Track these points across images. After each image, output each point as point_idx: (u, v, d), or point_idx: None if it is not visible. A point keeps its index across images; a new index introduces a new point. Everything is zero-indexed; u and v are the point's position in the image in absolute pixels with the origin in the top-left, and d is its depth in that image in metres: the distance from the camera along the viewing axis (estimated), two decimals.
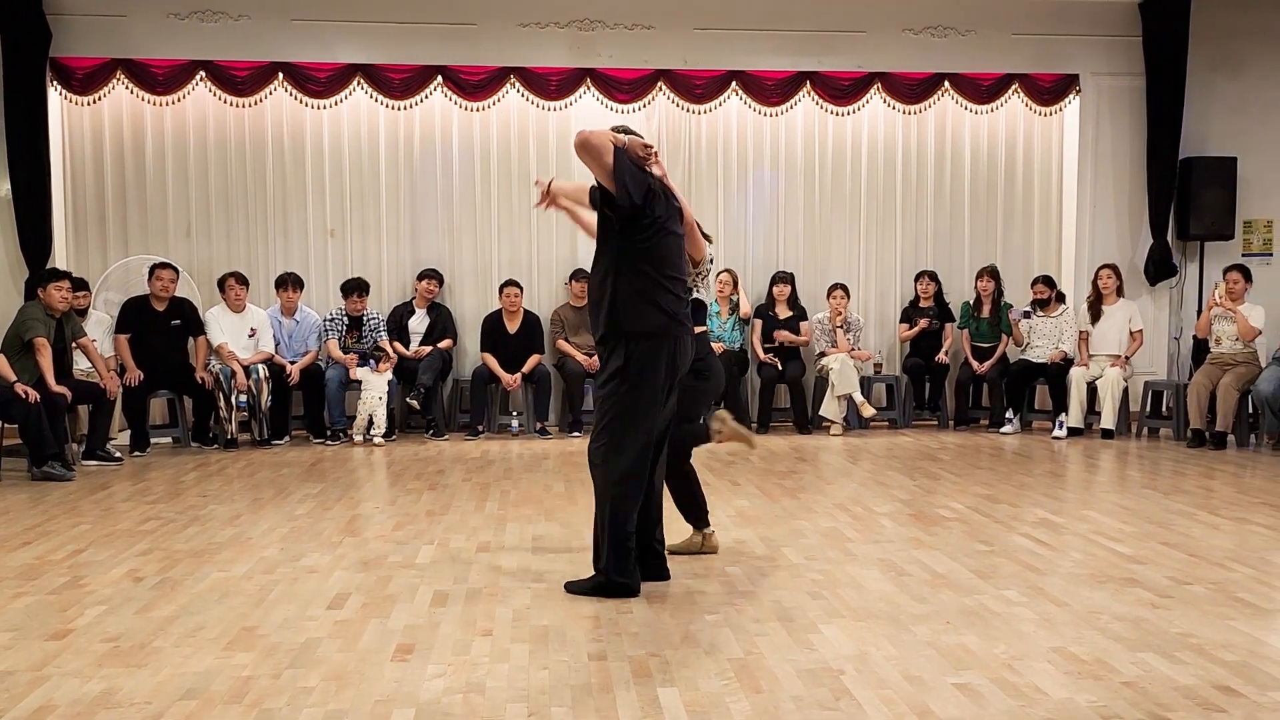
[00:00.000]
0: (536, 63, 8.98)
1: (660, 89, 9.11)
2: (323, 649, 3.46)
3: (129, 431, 7.92)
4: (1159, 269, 9.36)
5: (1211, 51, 9.31)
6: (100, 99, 8.72)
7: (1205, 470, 6.99)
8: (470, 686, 3.13)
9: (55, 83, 8.62)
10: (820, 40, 9.22)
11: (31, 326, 6.97)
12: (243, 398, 8.04)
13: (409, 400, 8.50)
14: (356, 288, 8.58)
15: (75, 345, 7.38)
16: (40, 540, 5.03)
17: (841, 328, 8.96)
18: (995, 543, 4.90)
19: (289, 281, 8.56)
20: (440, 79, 8.93)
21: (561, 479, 6.64)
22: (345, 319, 8.59)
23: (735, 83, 9.16)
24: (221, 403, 8.04)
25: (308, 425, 8.49)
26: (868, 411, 8.73)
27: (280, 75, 8.79)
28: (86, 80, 8.62)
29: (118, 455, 7.41)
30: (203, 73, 8.71)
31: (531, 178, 9.13)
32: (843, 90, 9.27)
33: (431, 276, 8.87)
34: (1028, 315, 9.02)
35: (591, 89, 9.04)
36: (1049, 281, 9.01)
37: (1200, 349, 8.70)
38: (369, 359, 8.40)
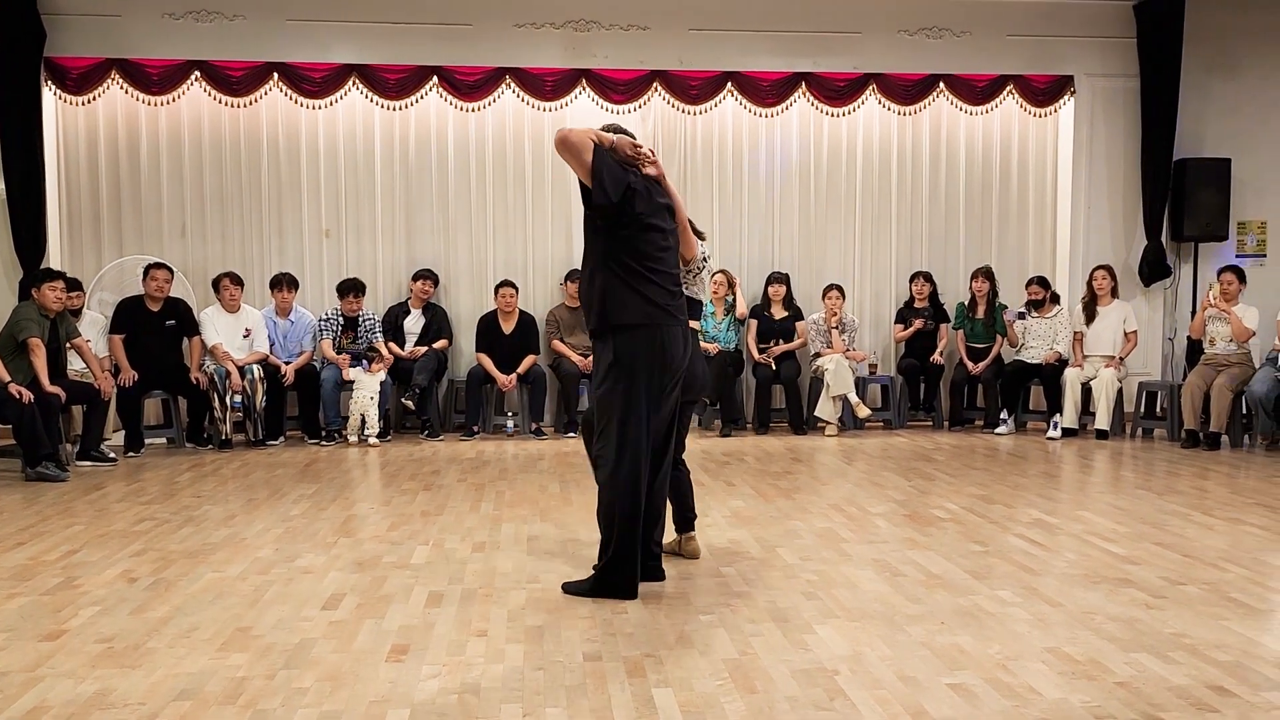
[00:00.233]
0: (532, 63, 8.98)
1: (655, 90, 9.11)
2: (317, 649, 3.45)
3: (123, 432, 7.92)
4: (1153, 270, 9.39)
5: (1206, 53, 9.33)
6: (95, 99, 8.71)
7: (1199, 471, 7.01)
8: (465, 687, 3.13)
9: (50, 82, 8.61)
10: (815, 41, 9.23)
11: (26, 327, 6.96)
12: (237, 398, 8.03)
13: (404, 401, 8.50)
14: (352, 288, 8.57)
15: (70, 345, 7.38)
16: (34, 541, 5.02)
17: (837, 328, 8.97)
18: (990, 543, 4.91)
19: (284, 282, 8.56)
20: (436, 79, 8.93)
21: (557, 479, 6.64)
22: (340, 319, 8.59)
23: (730, 84, 9.17)
24: (216, 403, 8.03)
25: (302, 426, 8.48)
26: (863, 412, 8.74)
27: (275, 75, 8.79)
28: (81, 80, 8.61)
29: (112, 456, 7.40)
30: (198, 73, 8.70)
31: (527, 178, 9.17)
32: (838, 91, 9.28)
33: (426, 277, 8.87)
34: (1022, 316, 9.04)
35: (587, 89, 9.04)
36: (1044, 282, 9.02)
37: (1194, 350, 8.73)
38: (361, 359, 8.39)
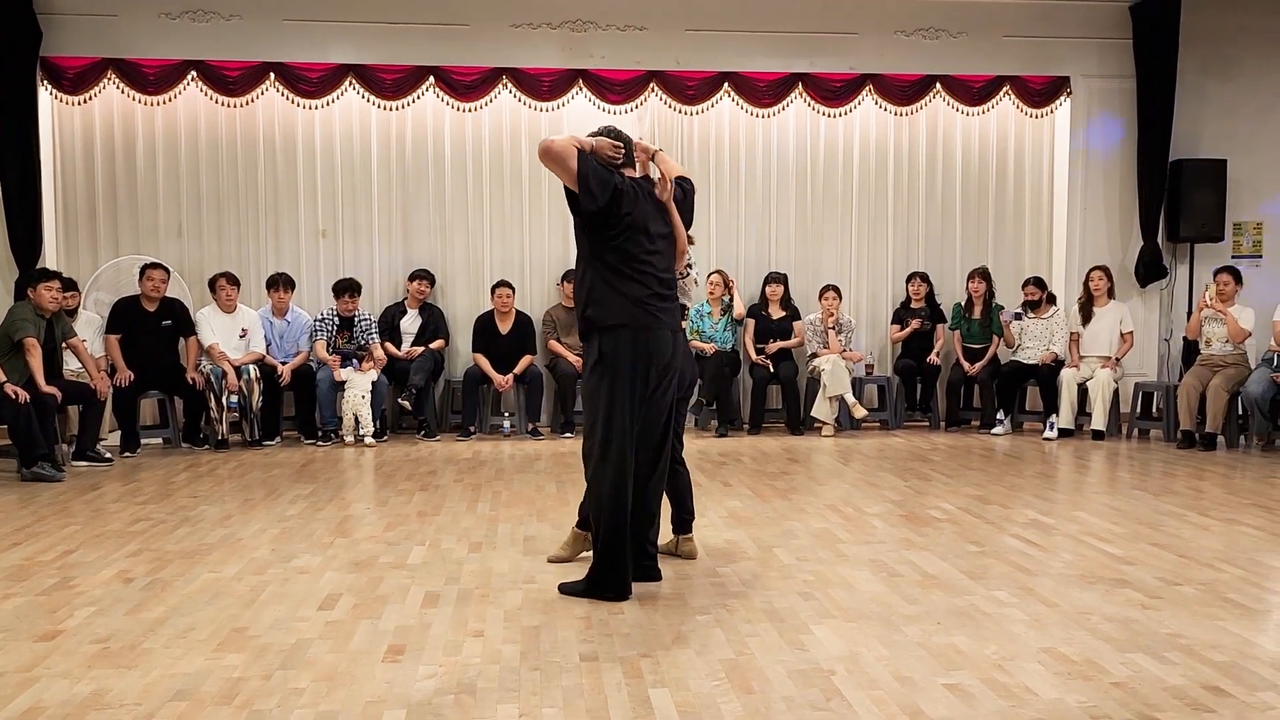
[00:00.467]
0: (529, 63, 8.97)
1: (652, 90, 9.11)
2: (314, 650, 3.45)
3: (119, 432, 7.90)
4: (1149, 271, 9.40)
5: (1202, 54, 9.34)
6: (91, 99, 8.69)
7: (1195, 471, 7.01)
8: (461, 687, 3.12)
9: (46, 82, 8.59)
10: (812, 42, 9.23)
11: (21, 327, 6.95)
12: (233, 398, 8.01)
13: (400, 401, 8.49)
14: (348, 288, 8.56)
15: (65, 345, 7.37)
16: (30, 541, 5.01)
17: (833, 329, 8.97)
18: (986, 543, 4.91)
19: (280, 282, 8.54)
20: (432, 79, 8.92)
21: (553, 480, 6.64)
22: (336, 319, 8.58)
23: (727, 84, 9.17)
24: (212, 403, 8.02)
25: (299, 426, 8.46)
26: (859, 412, 8.74)
27: (272, 75, 8.77)
28: (77, 80, 8.59)
29: (108, 456, 7.38)
30: (194, 72, 8.69)
31: (524, 179, 9.17)
32: (834, 92, 9.28)
33: (422, 277, 8.86)
34: (1019, 317, 9.05)
35: (583, 90, 9.04)
36: (1040, 283, 9.03)
37: (1190, 350, 8.74)
38: (351, 359, 8.38)
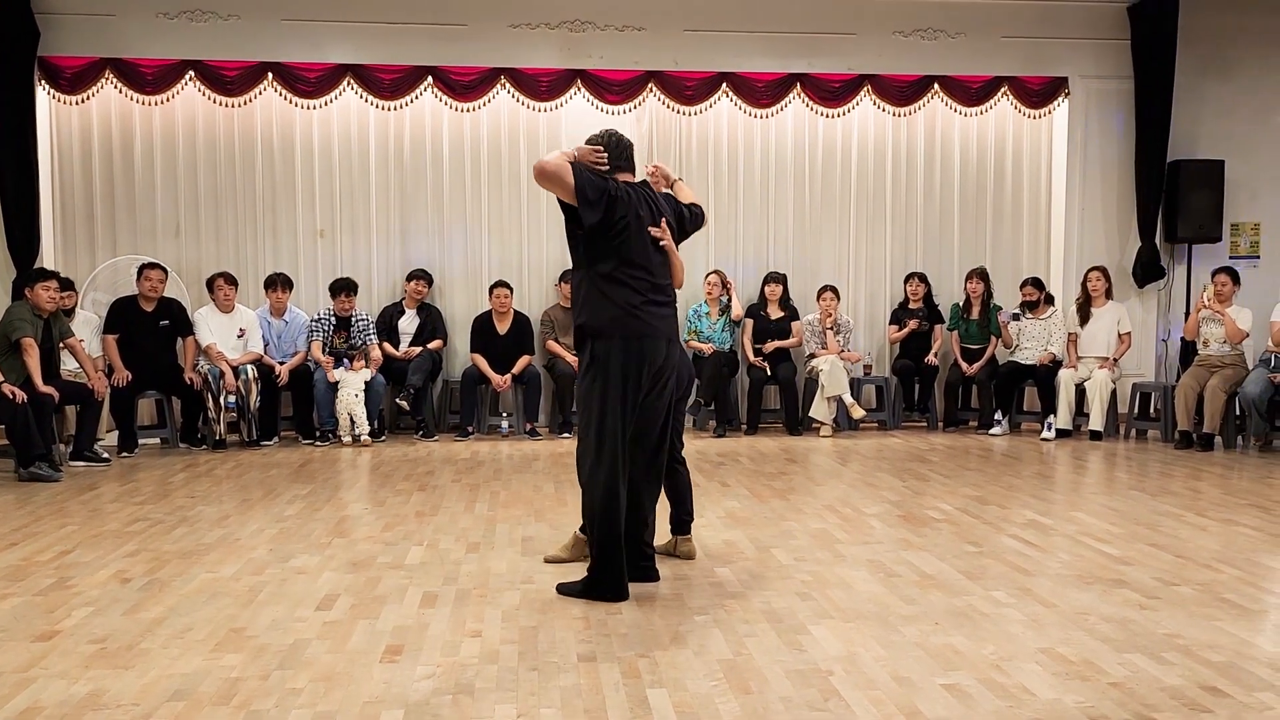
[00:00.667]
0: (527, 64, 8.97)
1: (651, 90, 9.11)
2: (311, 650, 3.45)
3: (117, 432, 7.89)
4: (1147, 271, 9.40)
5: (1200, 55, 9.34)
6: (89, 98, 8.68)
7: (1192, 472, 7.02)
8: (459, 687, 3.12)
9: (43, 82, 8.59)
10: (810, 42, 9.23)
11: (19, 327, 6.94)
12: (231, 398, 8.01)
13: (398, 401, 8.49)
14: (344, 288, 8.55)
15: (63, 345, 7.36)
16: (27, 541, 5.00)
17: (831, 329, 8.98)
18: (984, 544, 4.91)
19: (278, 282, 8.54)
20: (430, 79, 8.92)
21: (551, 480, 6.63)
22: (333, 319, 8.57)
23: (725, 84, 9.17)
24: (210, 403, 8.01)
25: (297, 426, 8.46)
26: (857, 413, 8.74)
27: (270, 75, 8.77)
28: (75, 79, 8.59)
29: (105, 456, 7.38)
30: (192, 72, 8.69)
31: (522, 179, 9.16)
32: (833, 92, 9.28)
33: (420, 277, 8.86)
34: (1017, 317, 9.06)
35: (582, 90, 9.04)
36: (1038, 283, 9.04)
37: (1188, 351, 8.74)
38: (343, 358, 8.38)
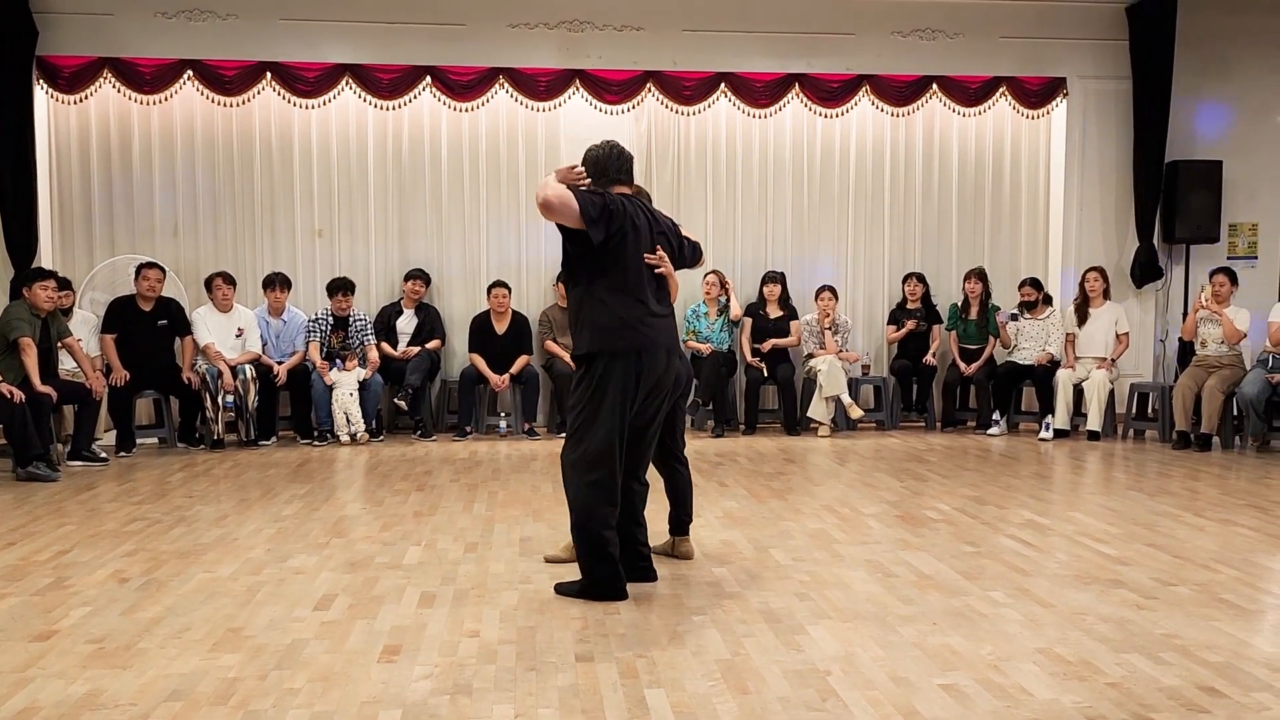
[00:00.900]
0: (526, 63, 8.97)
1: (649, 90, 9.12)
2: (309, 650, 3.45)
3: (114, 432, 7.88)
4: (1145, 272, 9.41)
5: (1198, 55, 9.35)
6: (87, 98, 8.68)
7: (1190, 472, 7.02)
8: (457, 687, 3.12)
9: (41, 81, 8.58)
10: (809, 42, 9.23)
11: (16, 326, 6.93)
12: (229, 398, 8.01)
13: (396, 401, 8.48)
14: (341, 287, 8.54)
15: (61, 345, 7.35)
16: (25, 541, 5.00)
17: (829, 329, 8.98)
18: (982, 544, 4.92)
19: (276, 282, 8.54)
20: (429, 79, 8.92)
21: (549, 480, 6.63)
22: (330, 319, 8.57)
23: (724, 84, 9.17)
24: (208, 403, 8.01)
25: (295, 426, 8.45)
26: (855, 413, 8.75)
27: (268, 75, 8.77)
28: (73, 79, 8.58)
29: (103, 456, 7.37)
30: (190, 72, 8.68)
31: (520, 179, 9.17)
32: (831, 92, 9.29)
33: (417, 277, 8.86)
34: (1015, 317, 9.06)
35: (580, 90, 9.04)
36: (1036, 284, 9.05)
37: (1186, 351, 8.75)
38: (335, 357, 8.38)
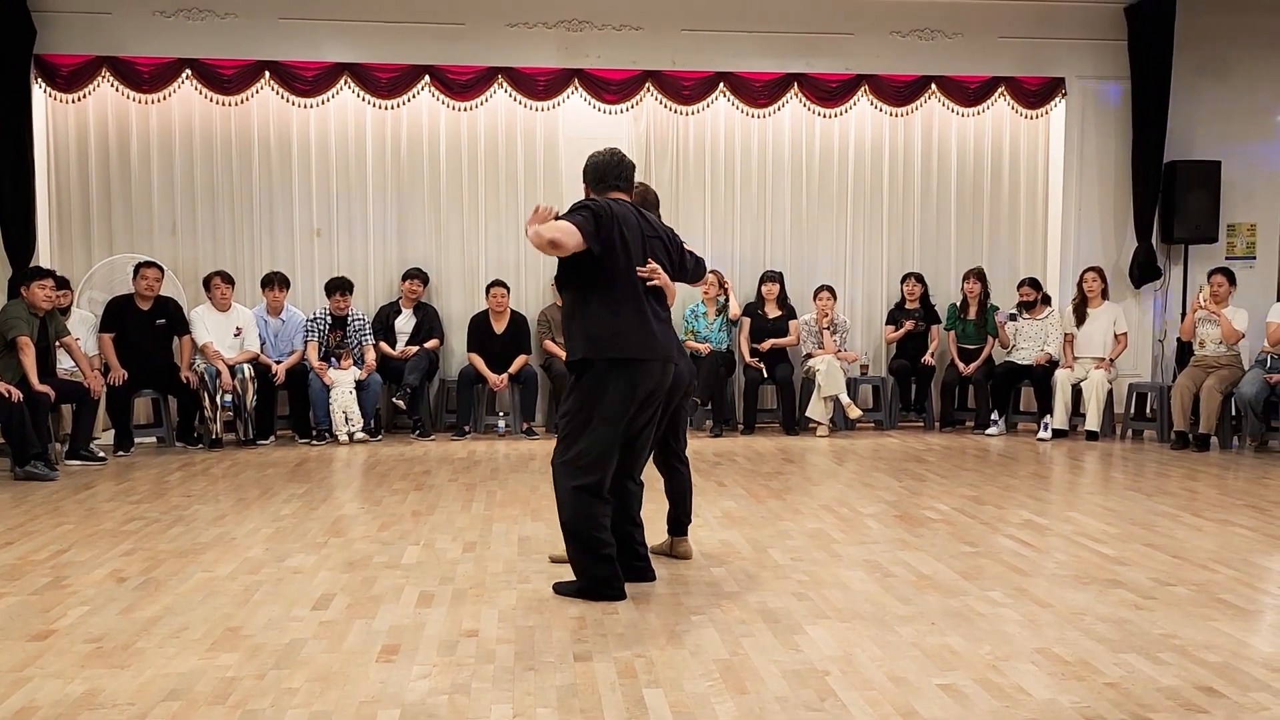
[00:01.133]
0: (524, 63, 8.97)
1: (648, 90, 9.11)
2: (307, 650, 3.44)
3: (113, 431, 7.88)
4: (1144, 272, 9.41)
5: (1197, 56, 9.35)
6: (85, 97, 8.67)
7: (1188, 472, 7.03)
8: (455, 687, 3.12)
9: (40, 80, 8.57)
10: (808, 42, 9.23)
11: (14, 325, 6.92)
12: (228, 397, 8.00)
13: (395, 400, 8.48)
14: (340, 287, 8.54)
15: (59, 344, 7.34)
16: (23, 540, 5.00)
17: (828, 329, 8.98)
18: (980, 544, 4.92)
19: (275, 281, 8.53)
20: (428, 78, 8.91)
21: (548, 479, 6.52)
22: (329, 319, 8.56)
23: (723, 84, 9.17)
24: (206, 402, 8.00)
25: (293, 425, 8.45)
26: (854, 413, 8.75)
27: (267, 74, 8.76)
28: (71, 78, 8.57)
29: (101, 455, 7.37)
30: (189, 71, 8.68)
31: (519, 178, 9.17)
32: (830, 92, 9.29)
33: (415, 276, 8.85)
34: (1013, 317, 9.06)
35: (579, 89, 9.04)
36: (1035, 284, 9.05)
37: (1184, 351, 8.75)
38: (330, 356, 8.37)
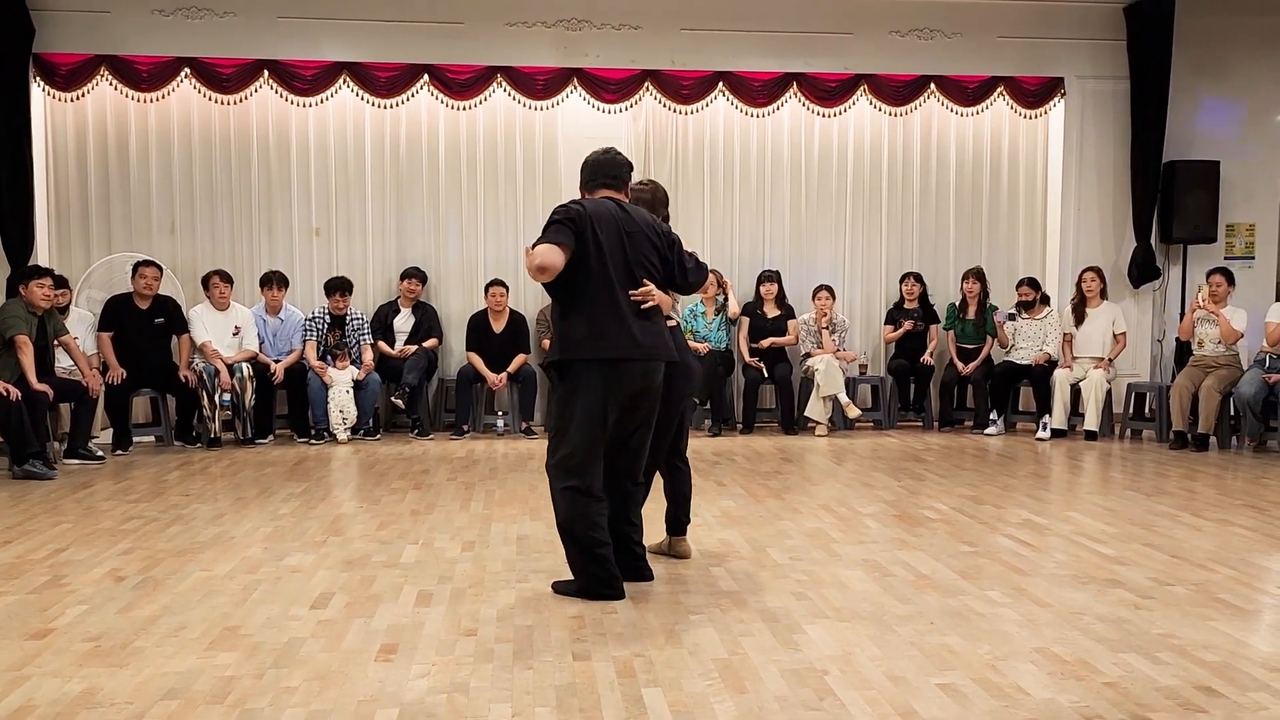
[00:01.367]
0: (523, 62, 8.96)
1: (647, 89, 9.11)
2: (306, 649, 3.44)
3: (111, 430, 7.88)
4: (1142, 272, 9.42)
5: (1196, 56, 9.35)
6: (84, 95, 8.67)
7: (1187, 472, 7.03)
8: (454, 687, 3.12)
9: (38, 79, 8.57)
10: (807, 42, 9.23)
11: (13, 324, 6.92)
12: (226, 396, 8.00)
13: (394, 399, 8.48)
14: (339, 286, 8.53)
15: (57, 343, 7.33)
16: (21, 539, 4.99)
17: (827, 329, 8.98)
18: (979, 544, 4.92)
19: (274, 280, 8.53)
20: (427, 77, 8.91)
21: (546, 479, 6.61)
22: (327, 318, 8.56)
23: (722, 83, 9.17)
24: (205, 401, 8.00)
25: (292, 424, 8.45)
26: (853, 412, 8.75)
27: (266, 73, 8.76)
28: (70, 76, 8.57)
29: (100, 454, 7.37)
30: (187, 70, 8.67)
31: (518, 177, 9.17)
32: (829, 92, 9.29)
33: (414, 275, 8.85)
34: (1012, 317, 9.06)
35: (578, 89, 9.03)
36: (1034, 284, 9.05)
37: (1183, 351, 8.76)
38: (328, 355, 8.37)
